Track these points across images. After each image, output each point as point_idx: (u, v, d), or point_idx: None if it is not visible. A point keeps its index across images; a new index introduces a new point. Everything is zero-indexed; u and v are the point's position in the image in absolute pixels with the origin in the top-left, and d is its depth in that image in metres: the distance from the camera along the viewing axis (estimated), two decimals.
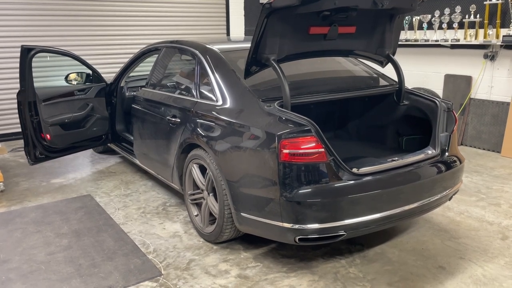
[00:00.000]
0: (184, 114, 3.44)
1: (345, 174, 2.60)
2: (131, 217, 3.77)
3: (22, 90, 4.08)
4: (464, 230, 3.43)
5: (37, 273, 2.91)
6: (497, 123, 5.50)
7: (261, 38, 2.76)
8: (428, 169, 2.89)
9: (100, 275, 2.87)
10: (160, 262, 3.04)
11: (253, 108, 2.90)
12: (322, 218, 2.55)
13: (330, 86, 3.32)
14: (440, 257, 3.04)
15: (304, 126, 2.58)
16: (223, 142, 2.97)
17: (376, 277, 2.81)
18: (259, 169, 2.70)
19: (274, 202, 2.62)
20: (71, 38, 6.93)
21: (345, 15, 2.85)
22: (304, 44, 3.00)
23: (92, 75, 4.77)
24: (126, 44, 7.45)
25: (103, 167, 5.17)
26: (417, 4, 3.03)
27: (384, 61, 3.49)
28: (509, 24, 5.14)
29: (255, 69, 2.96)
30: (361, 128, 3.85)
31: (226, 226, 3.03)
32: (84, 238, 3.38)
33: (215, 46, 3.56)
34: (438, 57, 6.04)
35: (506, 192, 4.19)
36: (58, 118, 4.37)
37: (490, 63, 5.50)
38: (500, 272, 2.86)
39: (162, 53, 4.18)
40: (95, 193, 4.33)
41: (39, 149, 4.31)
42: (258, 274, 2.87)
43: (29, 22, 6.55)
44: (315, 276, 2.84)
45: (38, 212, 3.90)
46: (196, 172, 3.33)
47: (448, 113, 3.14)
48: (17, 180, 4.76)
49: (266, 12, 2.63)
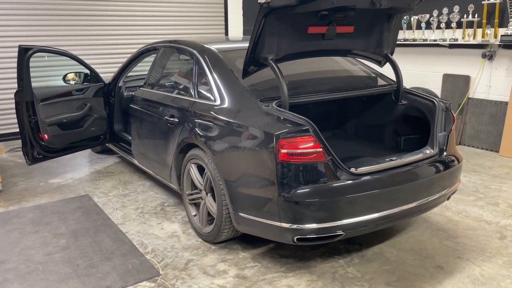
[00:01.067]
0: (182, 114, 3.44)
1: (343, 174, 2.60)
2: (129, 217, 3.76)
3: (19, 90, 4.08)
4: (462, 229, 3.43)
5: (34, 273, 2.91)
6: (495, 123, 5.51)
7: (259, 37, 2.75)
8: (426, 169, 2.89)
9: (98, 276, 2.86)
10: (158, 262, 3.03)
11: (251, 108, 2.90)
12: (320, 218, 2.55)
13: (328, 85, 3.32)
14: (438, 256, 3.05)
15: (302, 126, 2.57)
16: (221, 142, 2.97)
17: (374, 277, 2.81)
18: (257, 169, 2.69)
19: (272, 202, 2.61)
20: (69, 38, 6.92)
21: (343, 15, 2.85)
22: (302, 43, 3.00)
23: (90, 75, 4.77)
24: (124, 44, 7.44)
25: (101, 167, 5.16)
26: (415, 4, 3.03)
27: (382, 61, 3.49)
28: (507, 24, 5.14)
29: (253, 68, 2.95)
30: (359, 127, 3.85)
31: (224, 226, 3.03)
32: (82, 238, 3.38)
33: (213, 46, 3.55)
34: (436, 56, 6.05)
35: (504, 191, 4.20)
36: (56, 118, 4.36)
37: (488, 63, 5.50)
38: (498, 272, 2.86)
39: (160, 53, 4.17)
40: (93, 193, 4.32)
41: (37, 149, 4.30)
42: (256, 274, 2.87)
43: (27, 22, 6.54)
44: (313, 276, 2.83)
45: (36, 212, 3.89)
46: (194, 172, 3.33)
47: (446, 113, 3.14)
48: (15, 180, 4.75)
49: (264, 12, 2.63)
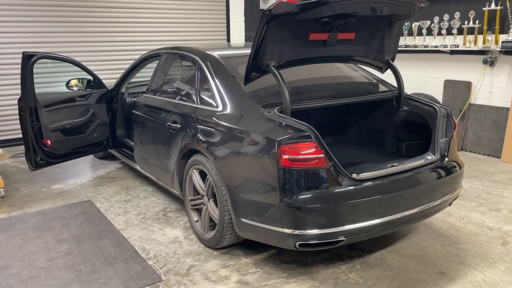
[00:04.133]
0: (185, 120, 3.45)
1: (345, 180, 2.61)
2: (131, 223, 3.77)
3: (23, 96, 4.11)
4: (464, 235, 3.43)
5: (37, 279, 2.91)
6: (497, 128, 5.51)
7: (261, 44, 2.78)
8: (428, 175, 2.90)
9: (100, 281, 2.86)
10: (160, 268, 3.04)
11: (253, 114, 2.91)
12: (322, 224, 2.55)
13: (330, 92, 3.33)
14: (440, 262, 3.04)
15: (304, 132, 2.59)
16: (223, 148, 2.98)
17: (376, 283, 2.81)
18: (259, 174, 2.70)
19: (274, 208, 2.62)
20: (72, 45, 6.96)
21: (344, 22, 2.87)
22: (304, 50, 3.02)
23: (93, 81, 4.79)
24: (127, 50, 7.48)
25: (103, 173, 5.17)
26: (416, 11, 3.05)
27: (384, 67, 3.50)
28: (508, 30, 5.16)
29: (255, 75, 2.97)
30: (361, 133, 3.86)
31: (226, 232, 3.03)
32: (84, 243, 3.38)
33: (215, 52, 3.58)
34: (437, 62, 6.06)
35: (506, 197, 4.19)
36: (59, 124, 4.39)
37: (490, 69, 5.51)
38: (500, 278, 2.85)
39: (162, 59, 4.20)
40: (95, 199, 4.34)
41: (40, 155, 4.33)
42: (258, 280, 2.87)
43: (31, 29, 6.59)
44: (315, 281, 2.83)
45: (38, 217, 3.90)
46: (196, 178, 3.34)
47: (448, 119, 3.15)
48: (17, 186, 4.77)
49: (266, 19, 2.65)
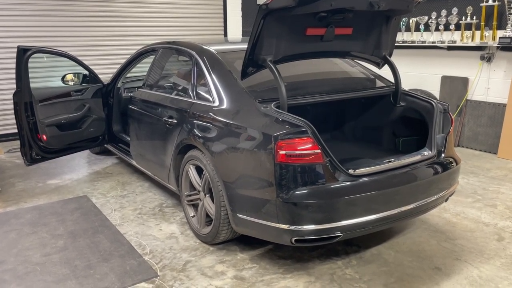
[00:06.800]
0: (181, 115, 3.44)
1: (342, 175, 2.60)
2: (127, 218, 3.76)
3: (18, 90, 4.07)
4: (460, 231, 3.44)
5: (32, 274, 2.90)
6: (494, 125, 5.52)
7: (257, 39, 2.76)
8: (425, 170, 2.90)
9: (96, 277, 2.86)
10: (156, 263, 3.03)
11: (250, 109, 2.90)
12: (319, 219, 2.55)
13: (327, 87, 3.32)
14: (436, 258, 3.05)
15: (301, 127, 2.58)
16: (219, 143, 2.97)
17: (372, 278, 2.81)
18: (255, 170, 2.70)
19: (270, 203, 2.62)
20: (68, 39, 6.91)
21: (341, 17, 2.86)
22: (301, 45, 3.00)
23: (88, 76, 4.76)
24: (123, 45, 7.43)
25: (99, 168, 5.15)
26: (414, 6, 3.04)
27: (381, 63, 3.49)
28: (505, 26, 5.16)
29: (252, 70, 2.96)
30: (358, 129, 3.86)
31: (222, 227, 3.03)
32: (80, 239, 3.37)
33: (212, 47, 3.56)
34: (435, 58, 6.06)
35: (502, 193, 4.20)
36: (55, 119, 4.36)
37: (487, 65, 5.52)
38: (496, 273, 2.86)
39: (159, 54, 4.18)
40: (91, 194, 4.32)
41: (35, 150, 4.30)
42: (255, 275, 2.87)
43: (26, 23, 6.53)
44: (311, 277, 2.83)
45: (34, 213, 3.88)
46: (192, 173, 3.33)
47: (445, 115, 3.15)
48: (13, 181, 4.75)
49: (263, 13, 2.63)
